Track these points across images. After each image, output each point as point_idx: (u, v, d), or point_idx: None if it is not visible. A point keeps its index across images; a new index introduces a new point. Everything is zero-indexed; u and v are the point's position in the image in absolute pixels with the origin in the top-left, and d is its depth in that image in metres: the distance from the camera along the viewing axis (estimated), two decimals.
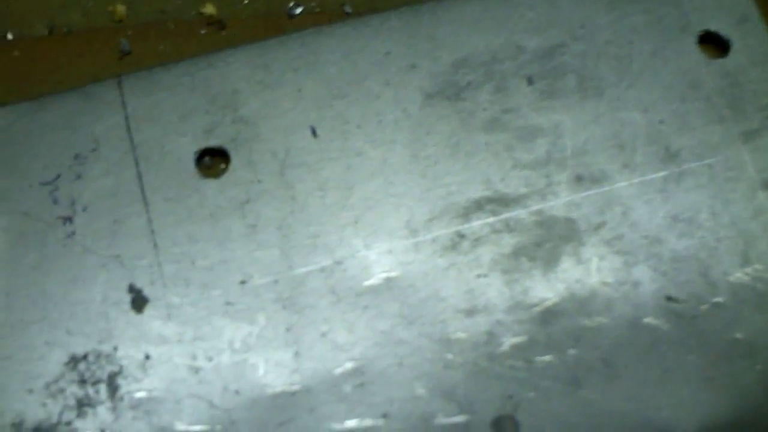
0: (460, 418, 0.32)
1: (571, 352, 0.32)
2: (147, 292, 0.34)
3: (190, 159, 0.35)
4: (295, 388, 0.33)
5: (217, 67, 0.36)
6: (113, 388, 0.33)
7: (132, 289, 0.34)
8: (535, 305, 0.33)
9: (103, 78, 0.37)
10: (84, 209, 0.35)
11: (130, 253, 0.34)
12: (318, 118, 0.36)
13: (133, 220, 0.35)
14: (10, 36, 0.38)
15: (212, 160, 0.36)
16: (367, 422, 0.32)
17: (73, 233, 0.35)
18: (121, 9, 0.37)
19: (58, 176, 0.35)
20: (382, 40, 0.36)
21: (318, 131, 0.35)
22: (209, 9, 0.37)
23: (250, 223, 0.34)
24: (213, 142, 0.35)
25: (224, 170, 0.35)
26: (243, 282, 0.34)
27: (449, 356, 0.33)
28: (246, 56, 0.36)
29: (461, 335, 0.33)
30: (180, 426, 0.32)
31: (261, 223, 0.34)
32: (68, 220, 0.35)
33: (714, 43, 0.36)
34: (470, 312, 0.33)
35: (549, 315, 0.33)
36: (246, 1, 0.37)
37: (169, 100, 0.36)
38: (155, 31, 0.37)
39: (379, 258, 0.34)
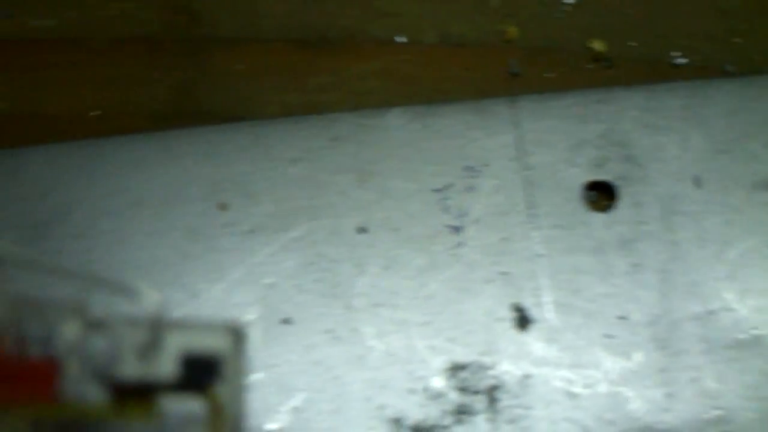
0: None
1: None
2: (531, 313, 0.35)
3: (578, 190, 0.36)
4: (664, 426, 0.34)
5: (609, 103, 0.37)
6: (492, 400, 0.34)
7: (516, 308, 0.35)
8: None
9: (489, 95, 0.38)
10: (474, 222, 0.36)
11: (516, 272, 0.36)
12: (702, 169, 0.37)
13: (521, 241, 0.36)
14: (400, 39, 0.38)
15: (596, 195, 0.37)
16: None
17: (461, 244, 0.36)
18: (513, 30, 0.38)
19: (449, 185, 0.36)
20: (766, 102, 0.38)
21: (701, 182, 0.37)
22: (598, 45, 0.38)
23: (632, 262, 0.36)
24: (602, 177, 0.37)
25: (607, 206, 0.36)
26: (622, 318, 0.35)
27: None
28: (637, 97, 0.37)
29: None
30: None
31: (643, 264, 0.36)
32: (457, 230, 0.36)
33: None
34: None
35: None
36: (633, 44, 0.38)
37: (560, 127, 0.37)
38: (544, 58, 0.38)
39: (750, 314, 0.36)
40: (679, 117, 0.37)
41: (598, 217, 0.36)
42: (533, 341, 0.35)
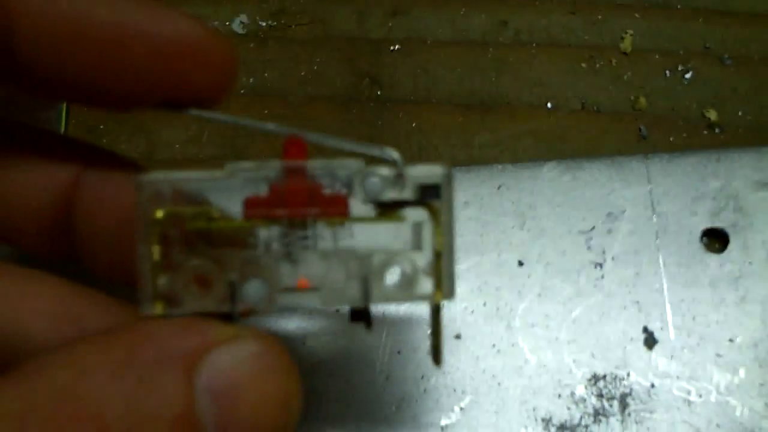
0: None
1: None
2: (657, 335, 0.44)
3: (697, 235, 0.45)
4: (763, 431, 0.43)
5: (724, 163, 0.46)
6: (624, 405, 0.43)
7: (645, 330, 0.44)
8: None
9: (623, 153, 0.46)
10: (612, 259, 0.45)
11: (646, 300, 0.44)
12: None
13: (650, 276, 0.44)
14: (549, 105, 0.47)
15: (709, 240, 0.45)
16: None
17: (602, 277, 0.44)
18: (642, 100, 0.47)
19: (593, 228, 0.45)
20: None
21: None
22: (712, 115, 0.46)
23: (740, 296, 0.44)
24: (717, 225, 0.45)
25: (721, 249, 0.45)
26: (731, 340, 0.44)
27: None
28: (747, 158, 0.46)
29: None
30: None
31: (748, 297, 0.44)
32: (599, 265, 0.44)
33: None
34: None
35: None
36: (740, 114, 0.46)
37: (684, 182, 0.45)
38: (667, 124, 0.46)
39: None
40: None
41: (713, 258, 0.44)
42: (658, 357, 0.43)
